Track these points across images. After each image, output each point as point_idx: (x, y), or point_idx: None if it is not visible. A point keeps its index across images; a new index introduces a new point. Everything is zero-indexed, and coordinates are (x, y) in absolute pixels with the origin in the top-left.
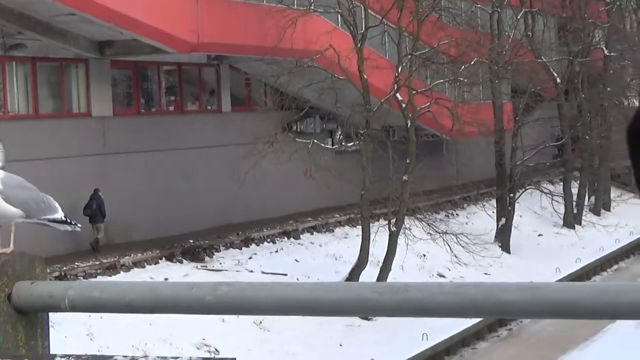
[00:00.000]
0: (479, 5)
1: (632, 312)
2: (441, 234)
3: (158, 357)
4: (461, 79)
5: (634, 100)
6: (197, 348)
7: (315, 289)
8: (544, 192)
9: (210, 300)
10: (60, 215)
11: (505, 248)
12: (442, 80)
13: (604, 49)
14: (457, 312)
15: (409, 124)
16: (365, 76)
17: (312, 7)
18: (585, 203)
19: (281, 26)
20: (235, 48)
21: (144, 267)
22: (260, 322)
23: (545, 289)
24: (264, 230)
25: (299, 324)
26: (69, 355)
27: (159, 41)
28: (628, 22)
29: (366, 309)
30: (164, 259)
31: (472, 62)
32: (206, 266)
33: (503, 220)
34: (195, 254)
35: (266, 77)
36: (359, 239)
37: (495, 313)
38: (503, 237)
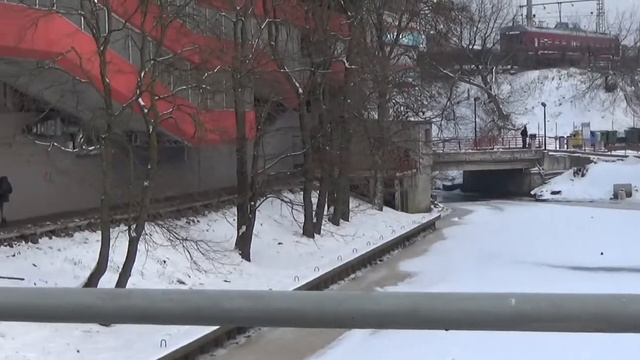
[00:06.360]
0: (224, 13)
1: (344, 320)
2: (181, 241)
3: None
4: (204, 86)
5: (373, 113)
6: None
7: (36, 295)
8: (285, 201)
9: None
10: None
11: (246, 256)
12: (185, 87)
13: (345, 61)
14: (182, 319)
15: (151, 129)
16: (107, 80)
17: (54, 8)
18: (325, 213)
19: (22, 26)
20: None
21: None
22: None
23: (267, 297)
24: (0, 233)
25: (35, 330)
26: None
27: None
28: (368, 37)
29: (89, 316)
30: None
31: (216, 70)
32: None
33: (244, 228)
34: None
35: (5, 77)
36: (99, 244)
37: (220, 321)
38: (243, 245)
